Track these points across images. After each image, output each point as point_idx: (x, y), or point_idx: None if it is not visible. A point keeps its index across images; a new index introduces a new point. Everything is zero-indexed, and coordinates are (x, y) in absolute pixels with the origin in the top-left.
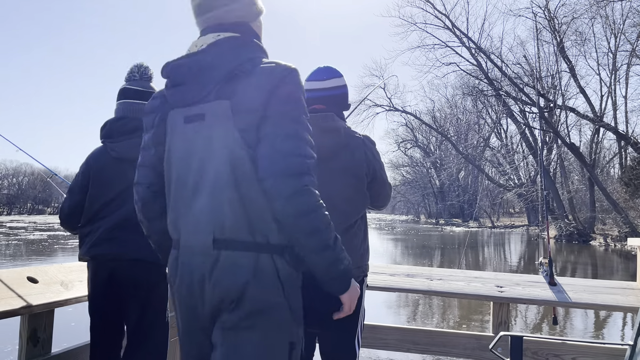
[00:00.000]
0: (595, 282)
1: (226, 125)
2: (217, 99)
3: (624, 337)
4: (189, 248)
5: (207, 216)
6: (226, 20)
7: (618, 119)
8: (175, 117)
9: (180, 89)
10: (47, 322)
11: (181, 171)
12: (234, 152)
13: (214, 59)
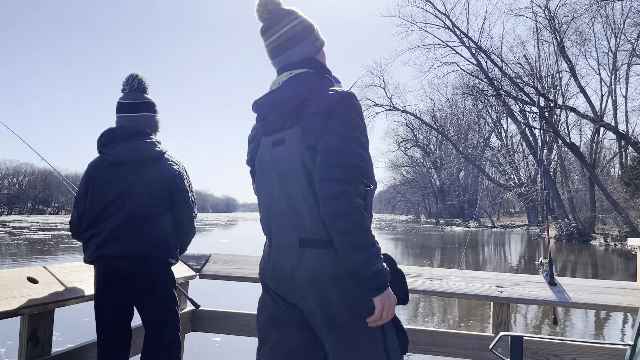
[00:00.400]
0: (596, 282)
1: (299, 146)
2: (291, 126)
3: (624, 337)
4: (281, 246)
5: (292, 220)
6: (295, 59)
7: (618, 119)
8: (265, 143)
9: (266, 122)
10: (47, 322)
11: (270, 182)
12: (307, 167)
13: (287, 94)
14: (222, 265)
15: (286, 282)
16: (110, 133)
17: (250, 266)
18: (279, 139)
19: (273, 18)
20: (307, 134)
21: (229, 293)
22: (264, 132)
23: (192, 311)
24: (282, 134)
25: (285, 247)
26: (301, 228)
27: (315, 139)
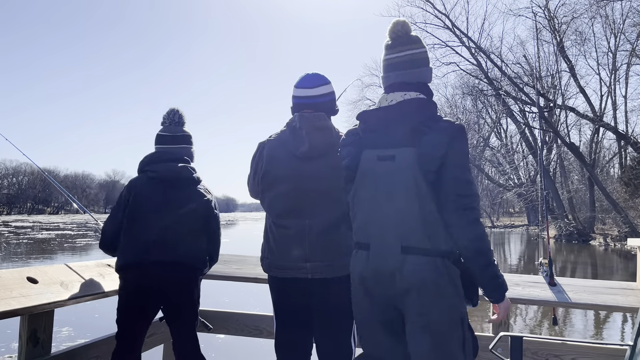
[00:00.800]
0: (595, 283)
1: (413, 165)
2: (405, 146)
3: (623, 338)
4: (382, 250)
5: (396, 229)
6: (411, 80)
7: (618, 119)
8: (369, 154)
9: (375, 135)
10: (47, 322)
11: (373, 192)
12: (419, 185)
13: (402, 116)
14: (222, 265)
15: (386, 283)
16: (153, 155)
17: (250, 266)
18: (388, 155)
19: (403, 38)
20: (424, 158)
21: (230, 293)
22: (368, 145)
23: None
24: (392, 150)
25: (387, 252)
26: (404, 237)
27: (433, 164)
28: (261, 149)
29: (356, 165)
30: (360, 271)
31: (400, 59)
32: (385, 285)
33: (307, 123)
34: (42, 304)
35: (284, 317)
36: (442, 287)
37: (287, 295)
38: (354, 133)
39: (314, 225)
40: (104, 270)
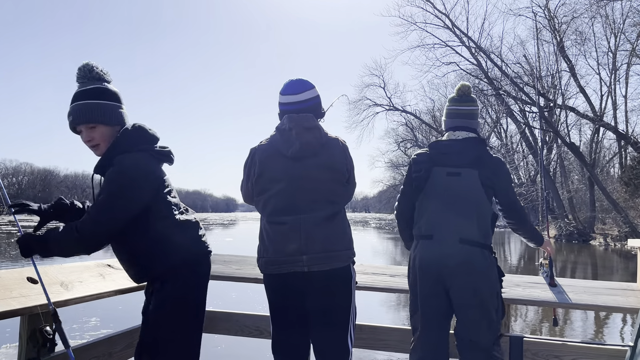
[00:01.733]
0: (596, 283)
1: (475, 181)
2: (470, 167)
3: (624, 339)
4: (445, 242)
5: (456, 225)
6: (472, 126)
7: (618, 119)
8: (440, 171)
9: (446, 157)
10: (47, 322)
11: (440, 198)
12: (477, 195)
13: (467, 147)
14: (221, 265)
15: (442, 264)
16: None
17: (250, 267)
18: (455, 172)
19: (470, 97)
20: (483, 177)
21: (230, 293)
22: (438, 163)
23: None
24: (459, 169)
25: (449, 243)
26: (462, 231)
27: (489, 182)
28: (252, 154)
29: (427, 177)
30: (421, 255)
31: (468, 112)
32: (440, 267)
33: (296, 124)
34: (42, 304)
35: (280, 317)
36: (485, 270)
37: (283, 294)
38: (425, 154)
39: (308, 219)
40: (104, 271)
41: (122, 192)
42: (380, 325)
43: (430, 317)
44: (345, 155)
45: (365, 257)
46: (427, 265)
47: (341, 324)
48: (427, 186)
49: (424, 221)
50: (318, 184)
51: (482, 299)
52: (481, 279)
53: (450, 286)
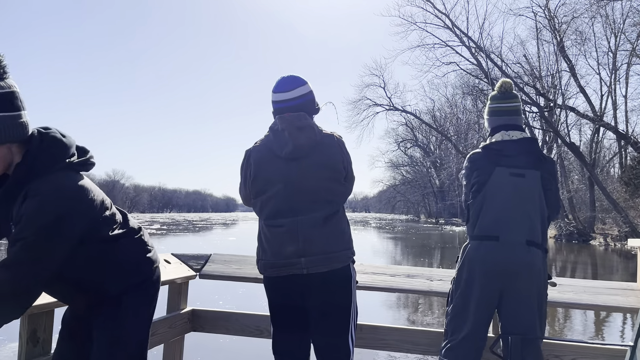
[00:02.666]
0: (596, 283)
1: (537, 183)
2: (533, 169)
3: (624, 338)
4: (512, 243)
5: (523, 226)
6: (519, 123)
7: (618, 119)
8: (503, 171)
9: (509, 159)
10: (47, 322)
11: (505, 198)
12: (539, 196)
13: (528, 147)
14: (222, 265)
15: (509, 268)
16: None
17: (250, 266)
18: (519, 173)
19: (512, 93)
20: (544, 179)
21: (230, 292)
22: (501, 164)
23: (191, 311)
24: (523, 170)
25: (517, 245)
26: (529, 233)
27: (547, 184)
28: (248, 156)
29: (488, 178)
30: (484, 257)
31: (515, 108)
32: (505, 268)
33: (289, 124)
34: (42, 303)
35: (280, 318)
36: (543, 273)
37: (283, 295)
38: (483, 155)
39: (306, 221)
40: None
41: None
42: (380, 325)
43: (484, 318)
44: (341, 152)
45: (365, 257)
46: (494, 266)
47: (342, 325)
48: (488, 186)
49: (487, 221)
50: (314, 184)
51: (538, 300)
52: (542, 281)
53: (510, 287)
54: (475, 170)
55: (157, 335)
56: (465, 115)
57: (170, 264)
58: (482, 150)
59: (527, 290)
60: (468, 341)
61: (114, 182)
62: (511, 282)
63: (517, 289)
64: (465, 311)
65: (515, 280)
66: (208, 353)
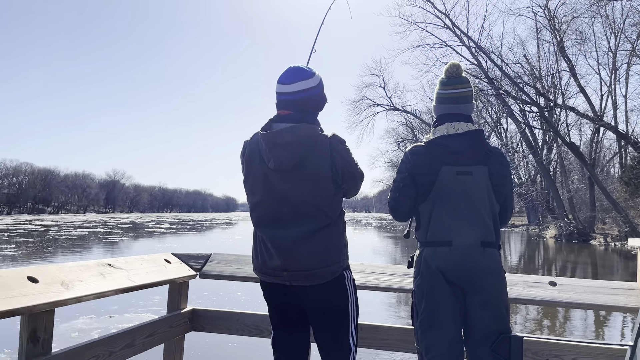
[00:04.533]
0: (596, 283)
1: (485, 180)
2: (480, 164)
3: (624, 338)
4: (464, 247)
5: (475, 228)
6: (468, 112)
7: (618, 118)
8: (449, 170)
9: (455, 156)
10: (48, 321)
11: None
12: (489, 194)
13: (474, 142)
14: (222, 264)
15: (465, 271)
16: None
17: (250, 266)
18: (466, 171)
19: (461, 77)
20: (492, 174)
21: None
22: (447, 162)
23: (192, 311)
24: (469, 168)
25: (472, 248)
26: (483, 234)
27: (499, 180)
28: (244, 149)
29: (434, 179)
30: (439, 264)
31: (462, 94)
32: (463, 272)
33: (269, 141)
34: (42, 303)
35: (277, 318)
36: (503, 272)
37: (276, 296)
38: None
39: (287, 236)
40: (105, 270)
41: None
42: (380, 325)
43: (457, 325)
44: (333, 161)
45: (365, 257)
46: (451, 272)
47: (340, 325)
48: (435, 188)
49: (438, 227)
50: (299, 198)
51: (502, 299)
52: (502, 280)
53: (472, 291)
54: (419, 168)
55: (157, 334)
56: None
57: (171, 264)
58: (425, 145)
59: (490, 290)
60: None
61: (114, 182)
62: (472, 286)
63: (479, 291)
64: (437, 323)
65: (476, 283)
66: (208, 352)
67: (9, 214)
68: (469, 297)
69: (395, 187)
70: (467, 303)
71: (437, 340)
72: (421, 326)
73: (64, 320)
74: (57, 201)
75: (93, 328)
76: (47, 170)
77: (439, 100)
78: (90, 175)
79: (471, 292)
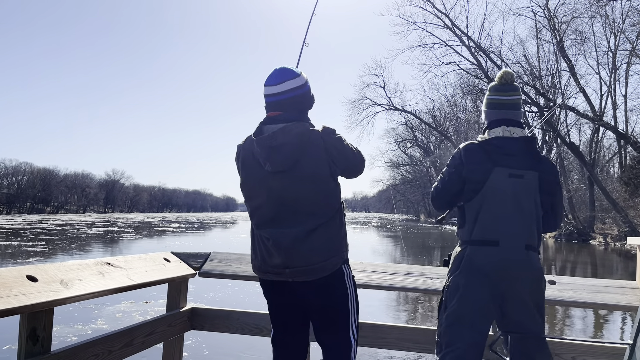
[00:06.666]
0: (595, 281)
1: (535, 184)
2: (531, 169)
3: (623, 336)
4: (511, 248)
5: (522, 230)
6: (517, 118)
7: (618, 118)
8: (501, 171)
9: (510, 158)
10: (47, 320)
11: (504, 200)
12: (536, 199)
13: (528, 147)
14: (221, 263)
15: (510, 273)
16: None
17: (249, 265)
18: (518, 174)
19: (514, 84)
20: (543, 181)
21: (230, 291)
22: (500, 163)
23: (191, 309)
24: (522, 171)
25: (516, 249)
26: (528, 237)
27: (546, 187)
28: (238, 153)
29: (486, 179)
30: (483, 263)
31: (516, 101)
32: (507, 274)
33: (264, 145)
34: (41, 302)
35: (277, 316)
36: (543, 276)
37: (277, 294)
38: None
39: (290, 234)
40: (104, 269)
41: None
42: (380, 323)
43: (486, 326)
44: (326, 151)
45: (365, 256)
46: (495, 272)
47: (341, 321)
48: (486, 187)
49: (485, 226)
50: (297, 197)
51: (541, 302)
52: (543, 283)
53: (513, 293)
54: (470, 165)
55: (157, 333)
56: (465, 114)
57: (170, 262)
58: (480, 144)
59: (530, 294)
60: (471, 351)
61: (114, 182)
62: (513, 288)
63: (520, 294)
64: (465, 319)
65: (518, 285)
66: (208, 351)
67: (9, 213)
68: (509, 299)
69: (441, 179)
70: (507, 304)
71: (460, 337)
72: (447, 320)
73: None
74: (56, 201)
75: (134, 310)
76: (47, 170)
77: (493, 106)
78: (89, 175)
79: (512, 293)
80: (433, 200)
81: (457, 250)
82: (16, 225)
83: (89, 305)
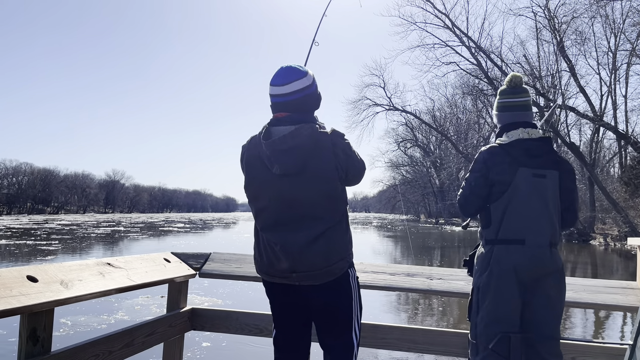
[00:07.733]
0: (595, 282)
1: (556, 183)
2: (553, 169)
3: (623, 337)
4: (538, 246)
5: (547, 229)
6: (530, 120)
7: (618, 119)
8: (526, 171)
9: (533, 159)
10: (47, 321)
11: (529, 200)
12: (557, 197)
13: (548, 148)
14: (221, 264)
15: (537, 271)
16: None
17: (250, 265)
18: (541, 173)
19: (523, 87)
20: (563, 180)
21: (230, 291)
22: (525, 164)
23: (191, 310)
24: (544, 171)
25: (542, 247)
26: (552, 235)
27: (566, 185)
28: (243, 153)
29: (511, 178)
30: (512, 261)
31: (527, 103)
32: (534, 271)
33: (272, 148)
34: (42, 302)
35: (280, 316)
36: (564, 273)
37: (281, 295)
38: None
39: (297, 239)
40: (104, 269)
41: None
42: (380, 324)
43: (516, 321)
44: (337, 158)
45: (365, 256)
46: (524, 271)
47: (344, 322)
48: (512, 188)
49: (512, 225)
50: (305, 201)
51: (562, 300)
52: (564, 281)
53: (539, 289)
54: (495, 167)
55: (157, 334)
56: (465, 115)
57: (170, 263)
58: (502, 146)
59: (555, 293)
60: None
61: (114, 182)
62: (539, 285)
63: (546, 292)
64: (502, 319)
65: (543, 282)
66: (208, 352)
67: (9, 214)
68: (535, 296)
69: (467, 186)
70: (532, 302)
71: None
72: (483, 320)
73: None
74: (56, 201)
75: (150, 304)
76: (47, 170)
77: (506, 109)
78: (89, 175)
79: (537, 291)
80: (462, 207)
81: (482, 250)
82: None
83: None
